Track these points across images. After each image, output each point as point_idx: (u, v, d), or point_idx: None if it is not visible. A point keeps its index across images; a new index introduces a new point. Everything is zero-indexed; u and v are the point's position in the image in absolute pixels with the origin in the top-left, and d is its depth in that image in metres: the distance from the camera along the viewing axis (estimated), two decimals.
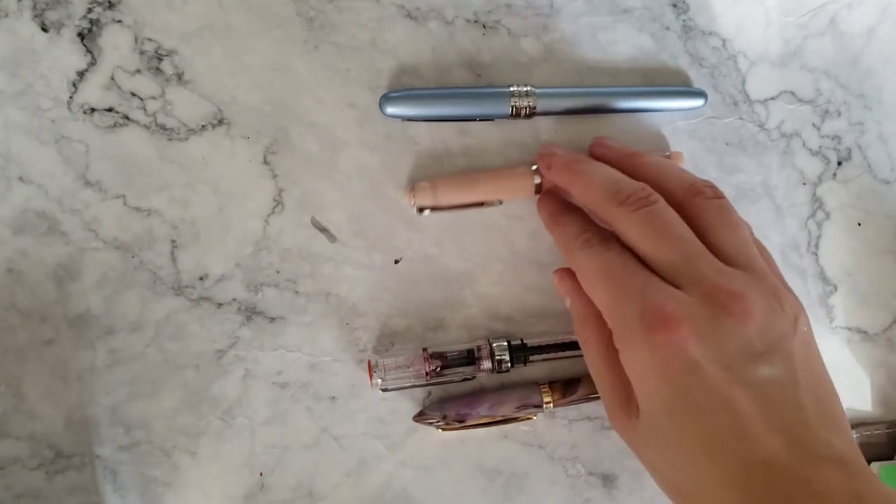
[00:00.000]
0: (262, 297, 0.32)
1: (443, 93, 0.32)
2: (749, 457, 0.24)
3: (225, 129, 0.32)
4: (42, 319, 0.31)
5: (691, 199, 0.28)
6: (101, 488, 0.31)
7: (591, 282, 0.28)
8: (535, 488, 0.33)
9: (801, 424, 0.25)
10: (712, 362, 0.25)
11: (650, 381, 0.26)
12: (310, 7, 0.32)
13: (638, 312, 0.26)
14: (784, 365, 0.25)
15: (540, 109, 0.32)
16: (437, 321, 0.33)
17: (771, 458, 0.24)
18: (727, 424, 0.25)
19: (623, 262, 0.28)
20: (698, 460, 0.25)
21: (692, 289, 0.26)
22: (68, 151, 0.31)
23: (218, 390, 0.32)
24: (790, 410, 0.25)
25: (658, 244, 0.27)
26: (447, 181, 0.32)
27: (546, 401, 0.32)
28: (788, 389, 0.25)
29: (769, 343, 0.25)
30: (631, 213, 0.27)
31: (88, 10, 0.31)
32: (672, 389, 0.25)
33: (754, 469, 0.24)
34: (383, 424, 0.33)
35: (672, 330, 0.25)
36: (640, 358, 0.26)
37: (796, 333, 0.26)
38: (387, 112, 0.32)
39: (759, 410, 0.25)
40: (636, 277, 0.27)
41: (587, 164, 0.30)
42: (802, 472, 0.24)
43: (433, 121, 0.32)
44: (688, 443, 0.26)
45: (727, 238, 0.27)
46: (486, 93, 0.32)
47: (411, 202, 0.32)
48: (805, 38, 0.35)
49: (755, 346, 0.25)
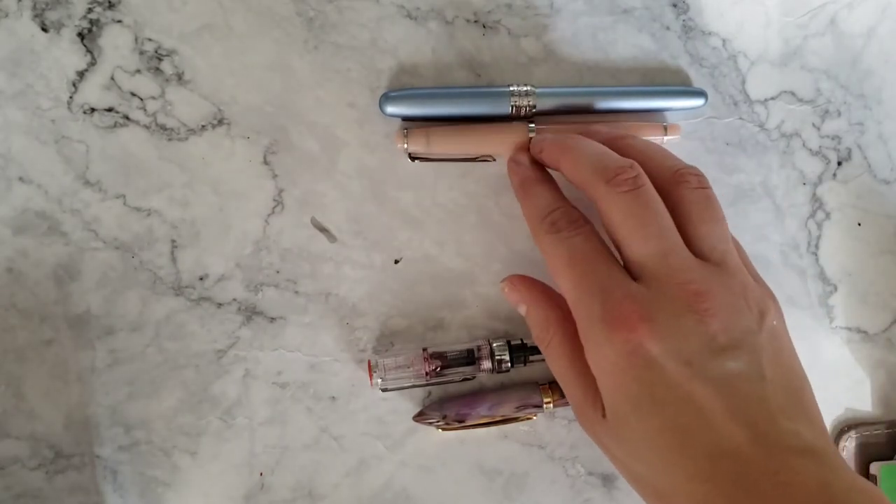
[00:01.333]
0: (262, 297, 0.32)
1: (443, 92, 0.32)
2: (715, 449, 0.25)
3: (225, 129, 0.32)
4: (42, 319, 0.31)
5: (676, 187, 0.28)
6: (101, 488, 0.31)
7: (556, 268, 0.28)
8: (535, 488, 0.33)
9: (767, 416, 0.25)
10: (672, 359, 0.25)
11: (612, 378, 0.26)
12: (310, 7, 0.32)
13: (599, 310, 0.26)
14: (748, 360, 0.25)
15: (540, 109, 0.32)
16: (437, 321, 0.33)
17: (736, 449, 0.24)
18: (691, 419, 0.25)
19: (588, 252, 0.28)
20: (664, 455, 0.25)
21: (658, 283, 0.26)
22: (68, 151, 0.31)
23: (218, 390, 0.32)
24: (755, 403, 0.25)
25: (637, 232, 0.27)
26: (441, 129, 0.32)
27: (546, 401, 0.32)
28: (753, 383, 0.25)
29: (733, 339, 0.25)
30: (617, 194, 0.27)
31: (88, 10, 0.31)
32: (634, 386, 0.26)
33: (721, 461, 0.24)
34: (383, 424, 0.33)
35: (630, 329, 0.25)
36: (603, 354, 0.26)
37: (762, 329, 0.26)
38: (387, 112, 0.32)
39: (723, 404, 0.25)
40: (600, 271, 0.27)
41: (577, 140, 0.30)
42: (769, 463, 0.24)
43: (433, 120, 0.32)
44: (653, 438, 0.26)
45: (705, 232, 0.27)
46: (486, 92, 0.32)
47: (403, 148, 0.32)
48: (805, 38, 0.35)
49: (718, 342, 0.25)
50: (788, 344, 0.28)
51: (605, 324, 0.26)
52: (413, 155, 0.32)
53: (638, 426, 0.26)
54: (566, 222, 0.29)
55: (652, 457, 0.26)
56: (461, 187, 0.33)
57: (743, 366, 0.25)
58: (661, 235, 0.27)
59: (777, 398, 0.25)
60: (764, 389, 0.25)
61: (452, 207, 0.33)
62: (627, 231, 0.27)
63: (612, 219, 0.27)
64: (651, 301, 0.26)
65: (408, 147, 0.32)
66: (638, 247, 0.27)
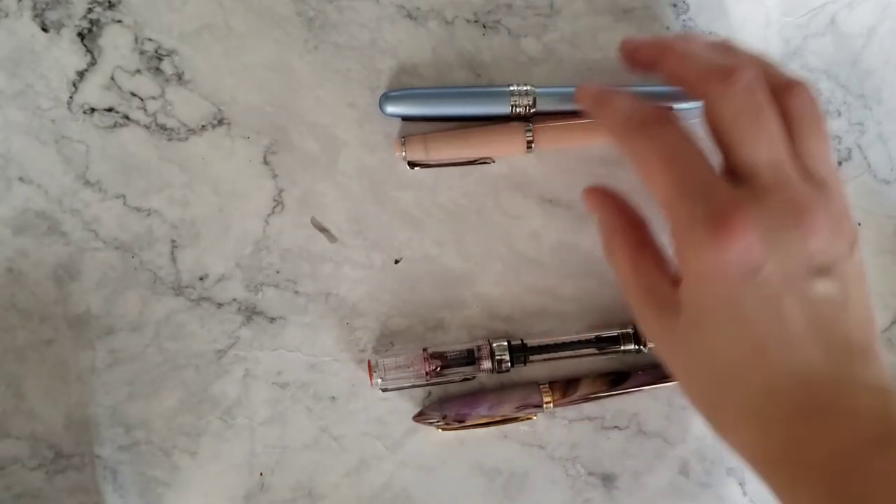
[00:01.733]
0: (262, 297, 0.32)
1: (442, 92, 0.32)
2: (788, 367, 0.24)
3: (225, 129, 0.32)
4: (42, 319, 0.31)
5: (788, 97, 0.27)
6: (101, 488, 0.31)
7: (650, 168, 0.26)
8: (535, 488, 0.33)
9: (845, 344, 0.25)
10: (773, 272, 0.25)
11: (706, 282, 0.25)
12: (310, 7, 0.32)
13: (703, 212, 0.25)
14: (839, 286, 0.25)
15: (540, 109, 0.32)
16: (437, 321, 0.33)
17: (810, 371, 0.24)
18: (772, 332, 0.25)
19: (687, 150, 0.26)
20: (734, 365, 0.25)
21: (766, 191, 0.25)
22: (68, 151, 0.31)
23: (218, 390, 0.32)
24: (836, 330, 0.25)
25: (750, 134, 0.26)
26: (439, 136, 0.32)
27: (546, 401, 0.32)
28: (838, 310, 0.25)
29: (829, 261, 0.25)
30: (732, 93, 0.26)
31: (88, 10, 0.31)
32: (728, 292, 0.25)
33: (789, 381, 0.24)
34: (383, 424, 0.33)
35: (738, 233, 0.24)
36: (701, 258, 0.25)
37: (853, 257, 0.26)
38: (387, 111, 0.32)
39: (808, 325, 0.25)
40: (702, 171, 0.25)
41: (684, 37, 0.28)
42: (837, 388, 0.24)
43: (433, 120, 0.32)
44: (729, 347, 0.25)
45: (813, 148, 0.27)
46: (486, 92, 0.32)
47: (402, 156, 0.32)
48: (805, 38, 0.35)
49: (816, 262, 0.25)
50: (866, 278, 0.27)
51: (710, 226, 0.24)
52: (412, 163, 0.32)
53: (715, 332, 0.25)
54: (656, 117, 0.27)
55: (720, 367, 0.26)
56: (461, 187, 0.33)
57: (833, 290, 0.25)
58: (775, 141, 0.26)
59: (855, 329, 0.25)
60: (846, 318, 0.25)
61: (452, 207, 0.33)
62: (741, 132, 0.26)
63: (724, 118, 0.26)
64: (757, 208, 0.25)
65: (406, 155, 0.32)
66: (750, 150, 0.26)
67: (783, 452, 0.24)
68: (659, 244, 0.29)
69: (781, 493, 0.25)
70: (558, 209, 0.33)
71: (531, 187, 0.33)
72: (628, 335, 0.33)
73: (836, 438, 0.23)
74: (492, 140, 0.32)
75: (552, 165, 0.33)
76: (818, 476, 0.23)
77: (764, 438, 0.25)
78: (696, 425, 0.34)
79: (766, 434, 0.25)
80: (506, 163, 0.33)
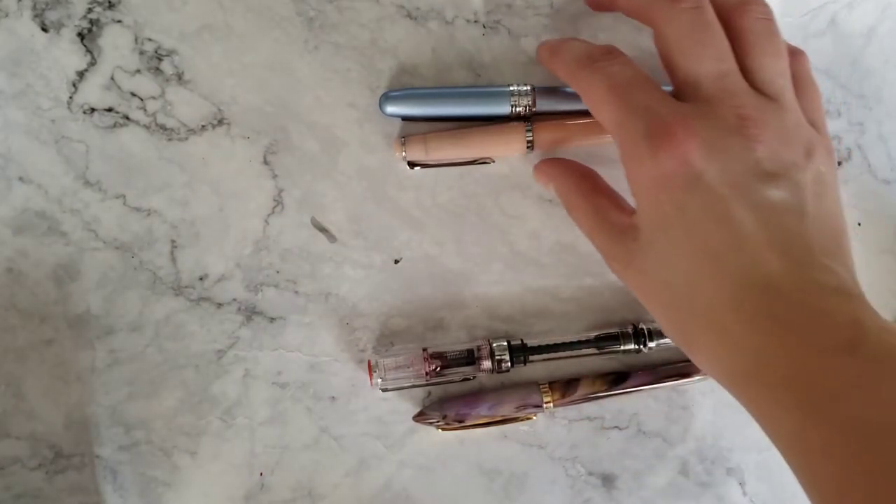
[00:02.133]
0: (262, 297, 0.32)
1: (442, 92, 0.32)
2: (746, 276, 0.24)
3: (225, 129, 0.32)
4: (42, 319, 0.31)
5: (739, 16, 0.27)
6: (101, 488, 0.31)
7: (598, 99, 0.27)
8: (535, 488, 0.33)
9: (804, 250, 0.24)
10: (716, 177, 0.25)
11: (651, 195, 0.26)
12: (310, 7, 0.32)
13: (644, 126, 0.25)
14: (792, 192, 0.25)
15: (539, 109, 0.32)
16: (437, 321, 0.33)
17: (769, 278, 0.24)
18: (725, 241, 0.24)
19: (630, 75, 0.27)
20: (692, 280, 0.25)
21: (709, 104, 0.26)
22: (68, 151, 0.31)
23: (218, 390, 0.32)
24: (793, 235, 0.25)
25: (694, 50, 0.26)
26: (439, 136, 0.32)
27: (546, 401, 0.32)
28: (793, 216, 0.25)
29: (778, 168, 0.25)
30: (678, 11, 0.27)
31: (88, 10, 0.31)
32: (672, 203, 0.25)
33: (751, 290, 0.24)
34: (383, 424, 0.33)
35: (678, 142, 0.25)
36: (644, 171, 0.26)
37: (808, 167, 0.26)
38: (386, 111, 0.32)
39: (760, 230, 0.24)
40: (644, 91, 0.26)
41: None
42: (801, 296, 0.24)
43: (433, 120, 0.32)
44: (684, 260, 0.25)
45: (765, 64, 0.27)
46: (486, 92, 0.32)
47: (402, 156, 0.32)
48: (805, 38, 0.35)
49: (763, 168, 0.25)
50: (833, 192, 0.27)
51: (650, 139, 0.25)
52: (412, 163, 0.32)
53: (668, 246, 0.26)
54: (602, 53, 0.28)
55: (680, 282, 0.26)
56: (461, 187, 0.33)
57: (786, 196, 0.25)
58: (718, 57, 0.26)
59: (816, 236, 0.25)
60: (804, 225, 0.25)
61: (452, 207, 0.33)
62: (685, 49, 0.27)
63: (670, 37, 0.27)
64: (699, 119, 0.25)
65: (406, 155, 0.32)
66: (694, 65, 0.26)
67: (750, 365, 0.24)
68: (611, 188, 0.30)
69: (752, 408, 0.25)
70: (558, 209, 0.33)
71: (531, 187, 0.33)
72: (628, 335, 0.33)
73: (802, 347, 0.23)
74: (492, 140, 0.32)
75: None
76: (787, 386, 0.23)
77: (729, 352, 0.25)
78: (696, 425, 0.34)
79: (731, 347, 0.25)
80: (506, 163, 0.33)
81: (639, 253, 0.27)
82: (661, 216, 0.26)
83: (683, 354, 0.34)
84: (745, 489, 0.34)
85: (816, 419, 0.22)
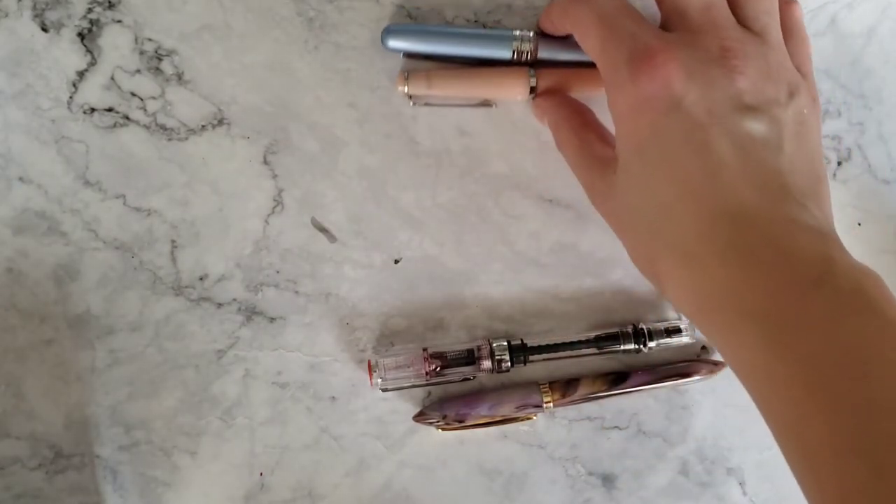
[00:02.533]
0: (262, 297, 0.32)
1: (446, 30, 0.32)
2: (718, 206, 0.24)
3: (225, 129, 0.32)
4: (42, 319, 0.31)
5: None
6: (101, 488, 0.31)
7: (584, 28, 0.28)
8: (535, 488, 0.33)
9: (779, 186, 0.24)
10: (695, 103, 0.25)
11: (629, 119, 0.26)
12: (310, 7, 0.32)
13: (627, 51, 0.26)
14: (770, 127, 0.25)
15: (541, 56, 0.32)
16: (437, 321, 0.33)
17: (741, 209, 0.24)
18: (700, 168, 0.24)
19: (616, 7, 0.27)
20: (666, 206, 0.25)
21: (693, 33, 0.26)
22: (68, 151, 0.31)
23: (218, 390, 0.32)
24: (769, 170, 0.24)
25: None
26: (442, 72, 0.32)
27: (546, 401, 0.32)
28: (771, 151, 0.25)
29: (758, 102, 0.25)
30: None
31: (88, 10, 0.31)
32: (650, 127, 0.25)
33: (721, 220, 0.24)
34: (383, 424, 0.33)
35: (658, 66, 0.25)
36: (624, 96, 0.26)
37: (790, 105, 0.26)
38: (388, 45, 0.31)
39: (736, 160, 0.24)
40: (628, 19, 0.27)
41: None
42: (772, 230, 0.24)
43: (434, 59, 0.32)
44: (659, 186, 0.25)
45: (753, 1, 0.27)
46: (489, 35, 0.32)
47: (404, 90, 0.32)
48: None
49: (742, 100, 0.25)
50: (815, 137, 0.27)
51: (631, 64, 0.25)
52: (414, 98, 0.32)
53: (645, 172, 0.25)
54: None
55: (652, 208, 0.25)
56: (461, 187, 0.33)
57: (764, 130, 0.25)
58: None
59: (792, 174, 0.25)
60: (780, 161, 0.25)
61: (452, 207, 0.33)
62: None
63: None
64: (682, 47, 0.25)
65: (408, 90, 0.32)
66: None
67: (718, 296, 0.24)
68: (601, 125, 0.30)
69: (717, 340, 0.25)
70: (558, 209, 0.33)
71: (531, 187, 0.33)
72: (628, 335, 0.33)
73: (770, 281, 0.23)
74: (495, 81, 0.32)
75: (552, 165, 0.33)
76: (753, 319, 0.23)
77: (697, 282, 0.25)
78: (696, 425, 0.34)
79: (699, 277, 0.24)
80: (506, 163, 0.33)
81: (617, 183, 0.27)
82: (638, 141, 0.26)
83: (683, 354, 0.34)
84: (745, 489, 0.34)
85: (780, 352, 0.22)
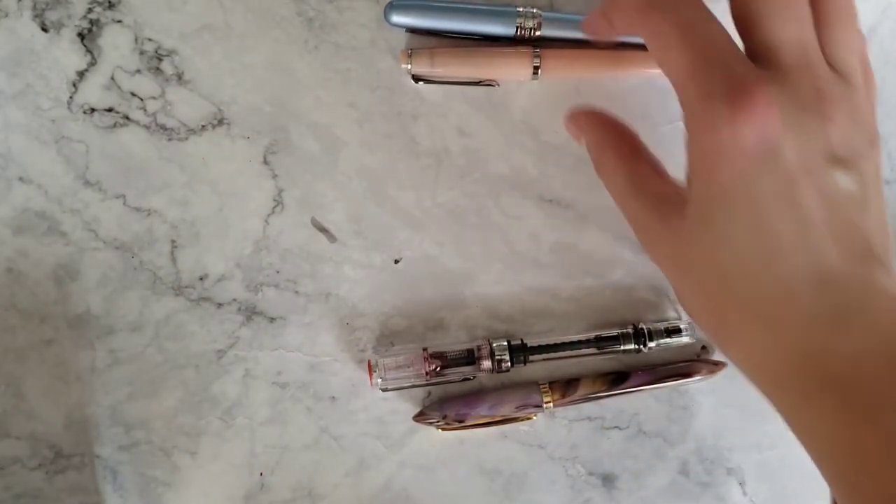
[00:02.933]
0: (262, 297, 0.32)
1: (449, 6, 0.32)
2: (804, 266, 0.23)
3: (225, 129, 0.32)
4: (42, 319, 0.31)
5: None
6: (101, 488, 0.31)
7: (666, 43, 0.24)
8: (535, 488, 0.33)
9: (865, 247, 0.23)
10: (790, 154, 0.23)
11: (720, 163, 0.23)
12: (310, 7, 0.32)
13: (722, 85, 0.23)
14: (859, 182, 0.24)
15: (545, 35, 0.32)
16: (437, 321, 0.33)
17: (828, 273, 0.22)
18: (790, 225, 0.23)
19: (706, 21, 0.24)
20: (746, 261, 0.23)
21: (787, 74, 0.24)
22: (68, 151, 0.31)
23: (218, 390, 0.32)
24: (856, 229, 0.23)
25: (779, 11, 0.24)
26: (445, 51, 0.32)
27: (546, 401, 0.32)
28: (857, 209, 0.23)
29: (849, 154, 0.23)
30: None
31: (88, 10, 0.31)
32: (741, 175, 0.23)
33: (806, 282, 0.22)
34: (383, 424, 0.33)
35: (759, 110, 0.22)
36: (717, 134, 0.23)
37: (872, 157, 0.24)
38: (391, 20, 0.31)
39: (827, 218, 0.23)
40: (723, 44, 0.23)
41: None
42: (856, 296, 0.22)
43: (437, 34, 0.32)
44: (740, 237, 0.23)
45: (841, 38, 0.25)
46: (493, 11, 0.32)
47: (407, 68, 0.32)
48: None
49: (836, 152, 0.23)
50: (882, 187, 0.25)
51: (729, 99, 0.22)
52: (416, 76, 0.32)
53: (726, 220, 0.23)
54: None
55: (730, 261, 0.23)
56: (461, 187, 0.33)
57: (852, 186, 0.23)
58: (803, 22, 0.24)
59: (874, 234, 0.23)
60: (865, 220, 0.23)
61: (452, 207, 0.33)
62: (767, 8, 0.24)
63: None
64: (778, 87, 0.23)
65: (411, 68, 0.32)
66: (776, 28, 0.24)
67: (796, 363, 0.23)
68: (653, 154, 0.27)
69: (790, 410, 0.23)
70: (558, 209, 0.33)
71: (531, 187, 0.33)
72: (628, 335, 0.33)
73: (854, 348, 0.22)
74: (499, 61, 0.32)
75: (552, 165, 0.33)
76: (833, 388, 0.22)
77: (775, 347, 0.23)
78: (696, 425, 0.34)
79: (777, 342, 0.23)
80: (506, 163, 0.33)
81: (684, 229, 0.24)
82: (723, 186, 0.23)
83: (684, 354, 0.34)
84: (745, 489, 0.34)
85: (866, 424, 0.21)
